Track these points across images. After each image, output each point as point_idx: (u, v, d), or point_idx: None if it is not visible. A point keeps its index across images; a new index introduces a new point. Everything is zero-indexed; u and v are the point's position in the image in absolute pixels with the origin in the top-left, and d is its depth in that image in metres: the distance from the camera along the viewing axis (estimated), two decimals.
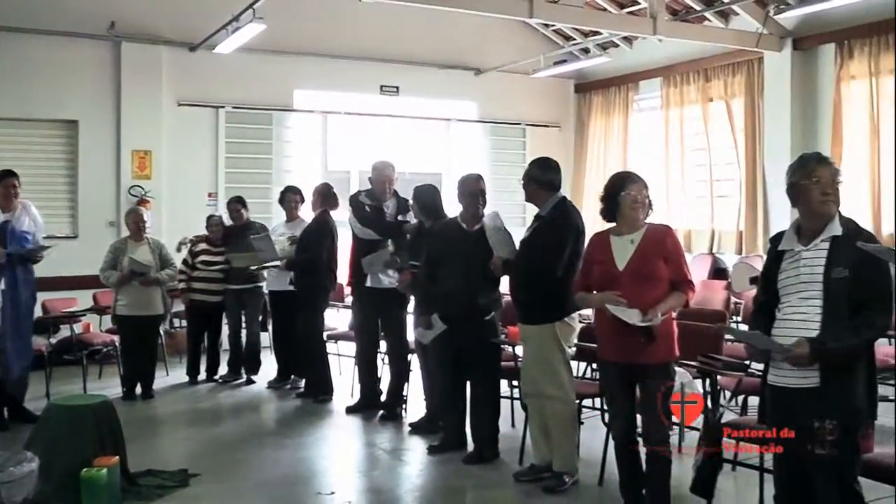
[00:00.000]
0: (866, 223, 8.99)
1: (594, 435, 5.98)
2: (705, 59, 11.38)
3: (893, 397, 6.33)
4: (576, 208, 5.61)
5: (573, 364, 5.81)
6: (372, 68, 11.99)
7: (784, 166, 10.64)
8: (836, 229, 3.61)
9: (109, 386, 8.31)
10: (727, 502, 5.14)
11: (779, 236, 3.86)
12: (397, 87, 12.31)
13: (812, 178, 3.66)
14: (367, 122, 12.23)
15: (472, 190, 6.15)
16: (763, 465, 5.05)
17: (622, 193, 4.68)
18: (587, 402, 5.91)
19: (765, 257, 10.37)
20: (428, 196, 6.78)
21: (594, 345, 5.46)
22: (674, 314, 4.73)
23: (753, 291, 8.50)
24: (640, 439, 4.79)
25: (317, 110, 11.94)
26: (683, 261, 4.76)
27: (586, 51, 12.48)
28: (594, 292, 4.83)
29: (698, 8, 10.78)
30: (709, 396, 5.30)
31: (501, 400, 6.45)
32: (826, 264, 3.56)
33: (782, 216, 10.35)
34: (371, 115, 12.24)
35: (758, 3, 10.21)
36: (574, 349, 5.79)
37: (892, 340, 6.81)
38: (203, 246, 9.02)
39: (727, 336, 5.94)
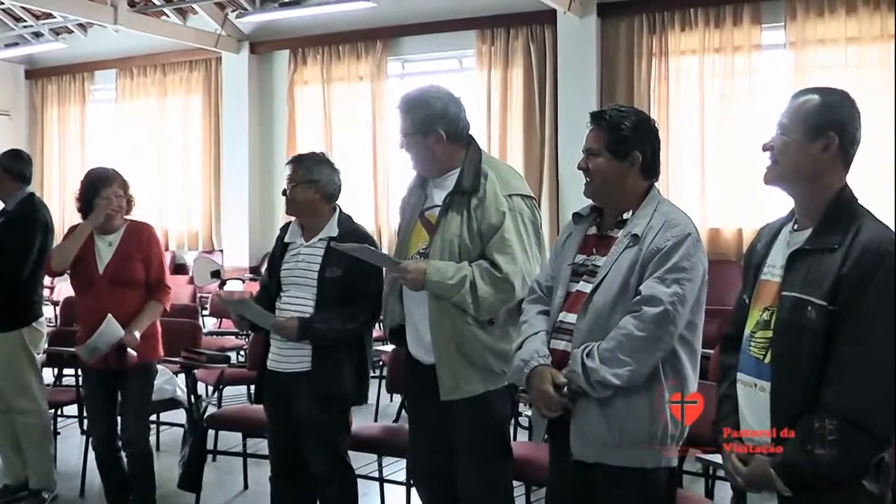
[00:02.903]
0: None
1: (69, 444, 5.72)
2: (163, 53, 11.34)
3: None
4: (43, 203, 5.27)
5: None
6: None
7: (243, 164, 11.09)
8: (332, 230, 3.83)
9: None
10: (213, 492, 5.20)
11: (287, 226, 4.01)
12: None
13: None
14: None
15: None
16: (246, 452, 5.26)
17: (95, 199, 4.50)
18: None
19: (225, 251, 10.64)
20: None
21: (67, 349, 5.21)
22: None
23: (215, 285, 8.76)
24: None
25: None
26: (161, 262, 4.64)
27: (38, 35, 11.71)
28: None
29: (158, 2, 10.70)
30: (192, 393, 5.34)
31: None
32: (322, 263, 3.76)
33: (238, 213, 10.79)
34: None
35: (217, 5, 10.45)
36: (44, 356, 5.44)
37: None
38: None
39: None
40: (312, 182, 3.83)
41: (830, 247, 2.21)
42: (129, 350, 4.36)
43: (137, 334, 4.39)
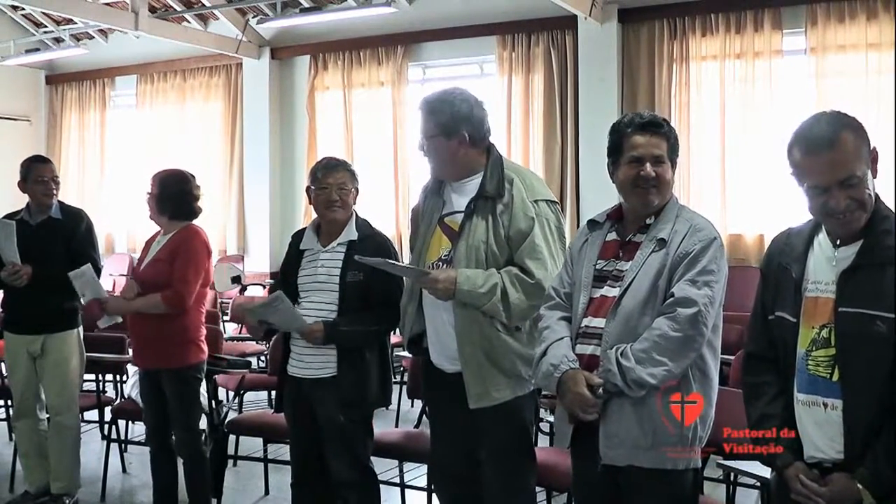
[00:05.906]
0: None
1: (89, 448, 5.71)
2: (183, 59, 11.41)
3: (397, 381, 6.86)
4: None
5: None
6: None
7: (264, 170, 11.19)
8: (352, 234, 3.80)
9: None
10: (234, 497, 5.22)
11: (300, 233, 3.99)
12: None
13: (320, 185, 3.80)
14: None
15: None
16: (267, 457, 5.27)
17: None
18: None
19: (246, 257, 10.70)
20: None
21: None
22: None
23: (236, 290, 8.76)
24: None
25: None
26: (185, 264, 4.43)
27: (59, 40, 11.80)
28: None
29: (179, 8, 10.76)
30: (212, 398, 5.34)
31: None
32: (343, 267, 3.74)
33: (259, 218, 10.81)
34: None
35: (238, 10, 10.51)
36: None
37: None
38: None
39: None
40: (357, 187, 3.89)
41: (888, 261, 2.26)
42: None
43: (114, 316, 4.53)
